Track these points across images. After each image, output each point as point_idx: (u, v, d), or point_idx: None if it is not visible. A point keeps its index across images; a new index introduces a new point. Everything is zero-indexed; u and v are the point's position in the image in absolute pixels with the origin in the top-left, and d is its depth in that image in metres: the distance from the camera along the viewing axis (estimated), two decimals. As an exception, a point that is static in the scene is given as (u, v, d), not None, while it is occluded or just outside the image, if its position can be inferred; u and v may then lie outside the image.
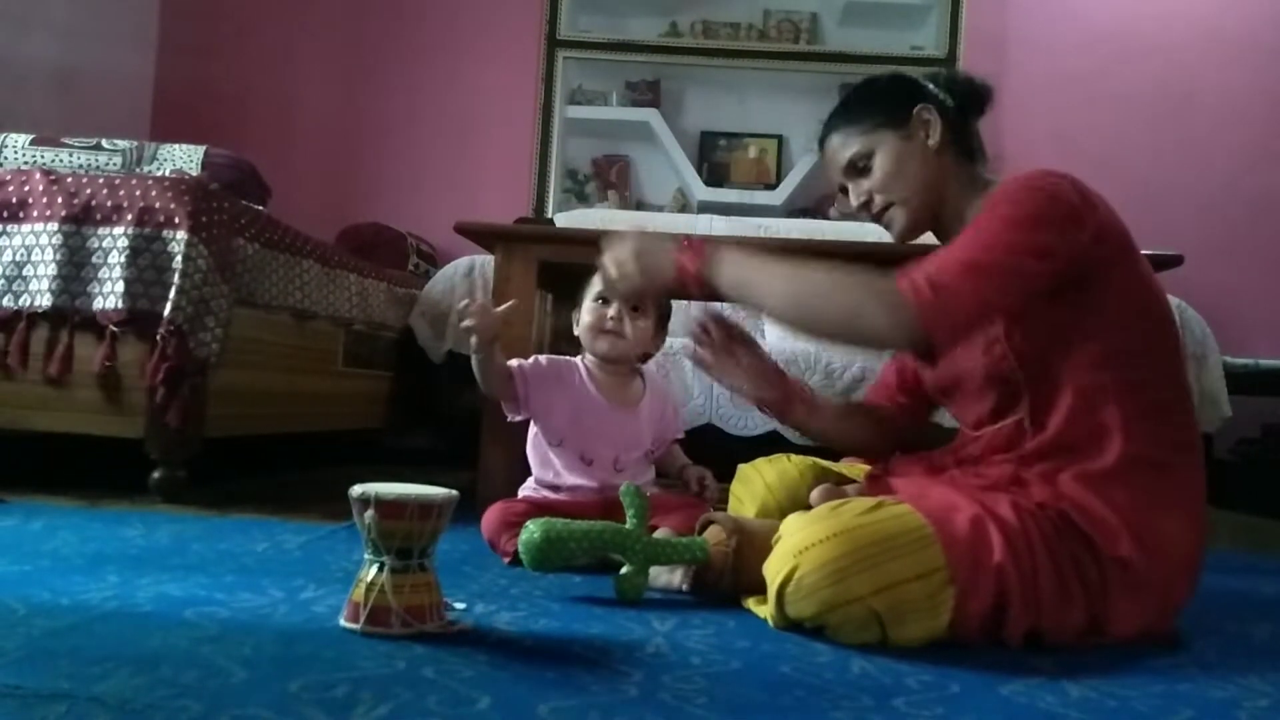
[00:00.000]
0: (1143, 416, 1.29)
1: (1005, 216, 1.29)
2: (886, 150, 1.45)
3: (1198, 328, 2.95)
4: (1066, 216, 1.28)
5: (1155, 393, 1.31)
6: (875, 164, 1.46)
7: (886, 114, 1.46)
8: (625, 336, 1.72)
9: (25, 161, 2.45)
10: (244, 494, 2.28)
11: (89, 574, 1.34)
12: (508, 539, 1.60)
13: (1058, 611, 1.22)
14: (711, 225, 3.78)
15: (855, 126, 1.48)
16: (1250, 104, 4.00)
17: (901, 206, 1.46)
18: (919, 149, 1.45)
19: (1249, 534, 2.68)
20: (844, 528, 1.21)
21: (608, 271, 1.48)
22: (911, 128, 1.45)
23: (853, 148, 1.47)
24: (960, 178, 1.46)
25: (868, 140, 1.46)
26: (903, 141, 1.45)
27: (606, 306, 1.73)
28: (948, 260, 1.28)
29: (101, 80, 3.85)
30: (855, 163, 1.48)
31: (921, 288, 1.25)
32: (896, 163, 1.45)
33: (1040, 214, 1.28)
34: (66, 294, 2.10)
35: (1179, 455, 1.31)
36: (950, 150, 1.45)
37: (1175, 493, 1.29)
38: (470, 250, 2.84)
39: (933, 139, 1.44)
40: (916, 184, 1.45)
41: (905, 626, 1.18)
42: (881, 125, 1.46)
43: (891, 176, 1.45)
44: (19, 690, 0.86)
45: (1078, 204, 1.29)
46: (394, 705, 0.88)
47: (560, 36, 4.09)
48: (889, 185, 1.46)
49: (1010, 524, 1.22)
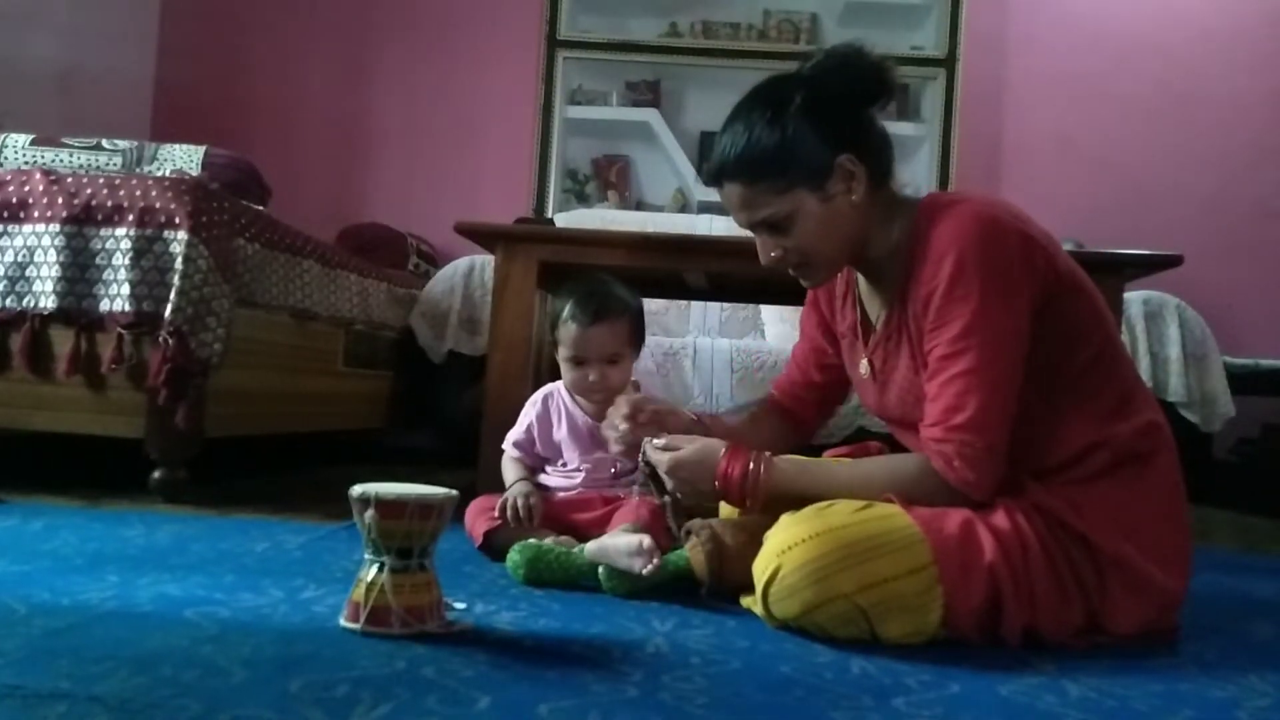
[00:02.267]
0: (1111, 416, 1.29)
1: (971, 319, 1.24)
2: (807, 214, 1.31)
3: (1198, 328, 2.95)
4: (1018, 274, 1.25)
5: (1115, 388, 1.31)
6: (795, 227, 1.32)
7: (803, 172, 1.30)
8: (609, 386, 1.71)
9: (25, 161, 2.45)
10: (244, 494, 2.28)
11: (89, 574, 1.34)
12: (481, 524, 1.65)
13: (1054, 610, 1.23)
14: (711, 225, 3.78)
15: (765, 183, 1.31)
16: (1250, 104, 4.00)
17: (826, 263, 1.38)
18: (844, 205, 1.32)
19: (1249, 534, 2.68)
20: (828, 527, 1.21)
21: (659, 475, 1.41)
22: (832, 185, 1.31)
23: (764, 210, 1.32)
24: (882, 210, 1.36)
25: (782, 201, 1.31)
26: (824, 202, 1.31)
27: (583, 368, 1.72)
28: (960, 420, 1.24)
29: (101, 80, 3.85)
30: (768, 222, 1.34)
31: (963, 474, 1.24)
32: (820, 224, 1.32)
33: (997, 292, 1.24)
34: (72, 295, 2.10)
35: (1152, 440, 1.31)
36: (871, 186, 1.33)
37: (1156, 477, 1.31)
38: (470, 250, 2.85)
39: (857, 193, 1.32)
40: (843, 238, 1.35)
41: (892, 623, 1.18)
42: (796, 185, 1.30)
43: (815, 239, 1.33)
44: (19, 690, 0.86)
45: (1024, 252, 1.27)
46: (394, 705, 0.88)
47: (560, 36, 4.09)
48: (811, 247, 1.34)
49: (1001, 527, 1.22)
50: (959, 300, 1.25)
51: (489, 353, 2.21)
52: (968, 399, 1.24)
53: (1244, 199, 3.96)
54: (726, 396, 2.93)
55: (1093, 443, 1.28)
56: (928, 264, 1.28)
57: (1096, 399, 1.30)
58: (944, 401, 1.26)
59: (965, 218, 1.27)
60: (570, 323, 1.71)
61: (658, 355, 2.98)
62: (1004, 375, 1.25)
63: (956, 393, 1.25)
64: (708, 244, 2.36)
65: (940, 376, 1.27)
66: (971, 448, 1.24)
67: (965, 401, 1.24)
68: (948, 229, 1.27)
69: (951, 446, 1.25)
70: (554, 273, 2.22)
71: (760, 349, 3.03)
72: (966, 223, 1.27)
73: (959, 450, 1.24)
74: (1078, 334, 1.31)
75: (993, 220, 1.27)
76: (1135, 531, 1.26)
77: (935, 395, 1.28)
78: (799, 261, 1.37)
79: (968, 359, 1.25)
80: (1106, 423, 1.29)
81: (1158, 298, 2.96)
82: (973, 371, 1.24)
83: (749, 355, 2.98)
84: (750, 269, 2.27)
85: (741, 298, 3.22)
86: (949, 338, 1.26)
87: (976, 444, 1.24)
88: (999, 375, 1.25)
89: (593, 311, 1.70)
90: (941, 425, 1.26)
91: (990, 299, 1.24)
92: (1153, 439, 1.32)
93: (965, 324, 1.24)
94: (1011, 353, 1.26)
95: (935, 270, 1.27)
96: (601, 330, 1.70)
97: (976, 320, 1.24)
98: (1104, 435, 1.28)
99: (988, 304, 1.24)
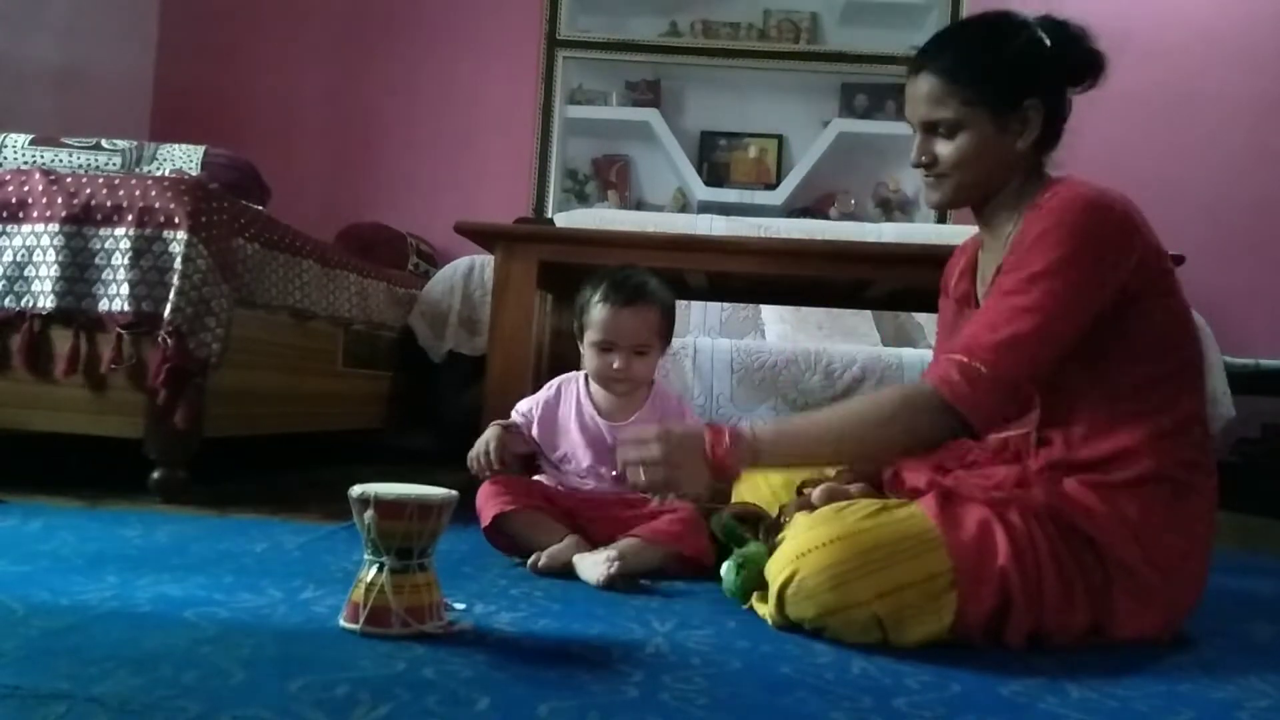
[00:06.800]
0: (1162, 437, 1.27)
1: (1049, 265, 1.24)
2: (976, 134, 1.34)
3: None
4: (1111, 251, 1.25)
5: (1176, 415, 1.29)
6: (958, 139, 1.35)
7: (995, 95, 1.33)
8: (633, 377, 1.69)
9: (25, 161, 2.44)
10: (244, 494, 2.27)
11: (88, 574, 1.34)
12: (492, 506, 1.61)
13: (1061, 614, 1.22)
14: (712, 225, 3.78)
15: (956, 87, 1.34)
16: (1250, 104, 3.99)
17: (959, 185, 1.38)
18: (1008, 145, 1.35)
19: (1249, 534, 2.68)
20: (847, 532, 1.21)
21: (637, 479, 1.30)
22: (1011, 121, 1.34)
23: (943, 111, 1.35)
24: (1028, 170, 1.38)
25: (963, 112, 1.34)
26: (996, 133, 1.34)
27: (609, 354, 1.68)
28: (983, 339, 1.24)
29: (101, 80, 3.85)
30: (939, 124, 1.36)
31: (955, 382, 1.23)
32: (980, 149, 1.35)
33: (1085, 254, 1.24)
34: (71, 295, 2.10)
35: (1195, 475, 1.30)
36: (1033, 144, 1.36)
37: (1188, 512, 1.28)
38: (470, 250, 2.84)
39: (1024, 141, 1.35)
40: (987, 173, 1.37)
41: (907, 630, 1.18)
42: (984, 104, 1.33)
43: (969, 159, 1.35)
44: (19, 690, 0.86)
45: (1124, 234, 1.27)
46: (394, 705, 0.88)
47: (560, 36, 4.09)
48: (961, 165, 1.36)
49: (1016, 526, 1.21)
50: (1041, 250, 1.26)
51: (489, 353, 2.21)
52: (1001, 329, 1.24)
53: (1244, 199, 3.96)
54: (726, 396, 2.93)
55: (1132, 450, 1.26)
56: (1030, 225, 1.30)
57: (1154, 416, 1.27)
58: (976, 325, 1.27)
59: (1075, 191, 1.30)
60: (603, 304, 1.66)
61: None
62: (1050, 324, 1.24)
63: (991, 322, 1.26)
64: (708, 244, 2.36)
65: (990, 304, 1.28)
66: (976, 370, 1.23)
67: (997, 330, 1.24)
68: (1057, 199, 1.30)
69: (958, 363, 1.24)
70: (554, 273, 2.22)
71: (760, 349, 3.02)
72: (1074, 194, 1.29)
73: (963, 367, 1.24)
74: (1156, 347, 1.29)
75: (1100, 195, 1.29)
76: (1150, 548, 1.24)
77: (975, 319, 1.29)
78: (941, 171, 1.38)
79: (1023, 298, 1.25)
80: (1154, 440, 1.26)
81: (1158, 298, 2.96)
82: (1023, 309, 1.24)
83: (749, 355, 2.98)
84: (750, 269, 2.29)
85: (741, 298, 3.22)
86: (1017, 277, 1.26)
87: (984, 367, 1.23)
88: (1045, 321, 1.23)
89: (627, 294, 1.65)
90: (962, 343, 1.26)
91: (1072, 258, 1.24)
92: (1194, 473, 1.30)
93: (1037, 270, 1.25)
94: (1071, 311, 1.24)
95: (1034, 225, 1.29)
96: (634, 314, 1.65)
97: (1050, 268, 1.24)
98: (1146, 449, 1.26)
99: (1067, 261, 1.24)
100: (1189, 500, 1.29)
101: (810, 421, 1.34)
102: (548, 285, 2.30)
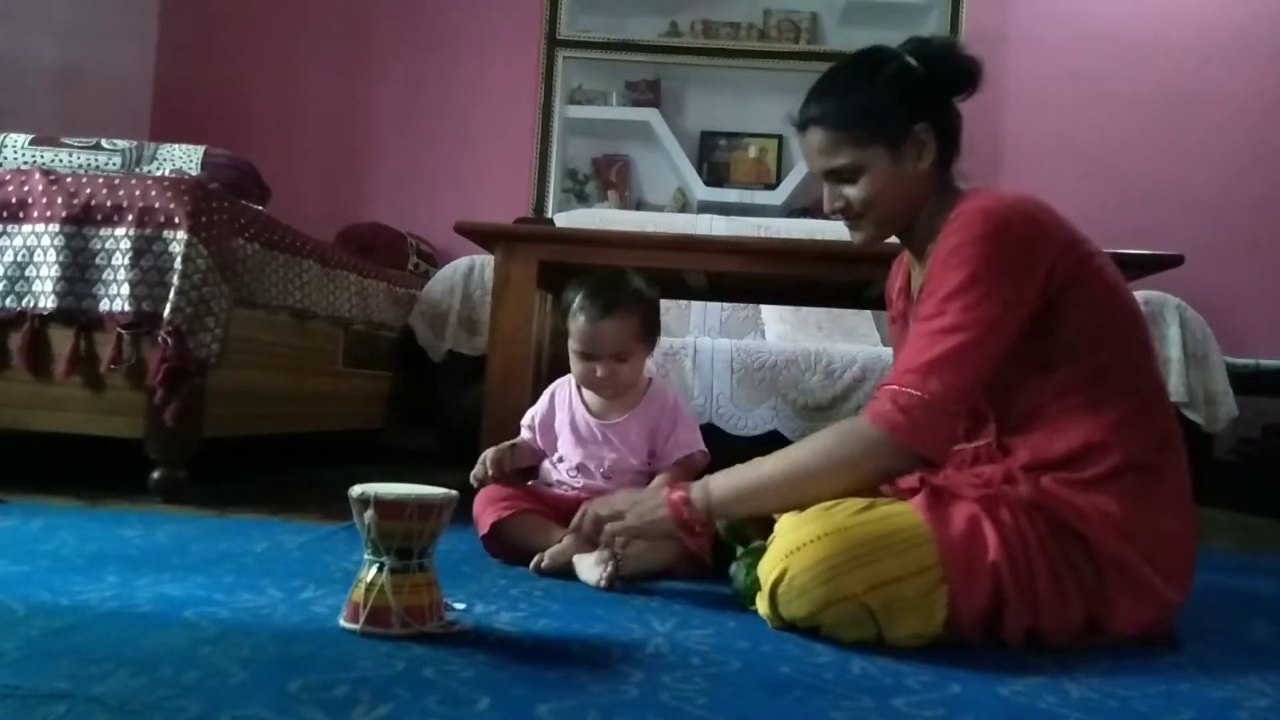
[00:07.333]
0: (1125, 424, 1.28)
1: (960, 283, 1.26)
2: (877, 171, 1.38)
3: (1198, 328, 2.95)
4: (1019, 254, 1.27)
5: (1132, 398, 1.30)
6: (862, 181, 1.39)
7: (883, 130, 1.37)
8: (618, 383, 1.70)
9: (25, 161, 2.44)
10: (244, 494, 2.27)
11: (88, 574, 1.34)
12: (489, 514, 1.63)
13: (1056, 610, 1.22)
14: (712, 225, 3.78)
15: (846, 134, 1.38)
16: (1250, 104, 3.99)
17: (878, 221, 1.43)
18: (910, 172, 1.39)
19: (1249, 534, 2.68)
20: (835, 527, 1.21)
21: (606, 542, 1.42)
22: (905, 149, 1.38)
23: (840, 159, 1.39)
24: (938, 189, 1.42)
25: (858, 155, 1.38)
26: (895, 164, 1.38)
27: (591, 362, 1.68)
28: (913, 365, 1.26)
29: (101, 80, 3.85)
30: (839, 171, 1.41)
31: (890, 415, 1.25)
32: (885, 184, 1.39)
33: (993, 264, 1.26)
34: (71, 295, 2.10)
35: (1163, 455, 1.31)
36: (935, 163, 1.40)
37: (1164, 492, 1.29)
38: (470, 250, 2.84)
39: (924, 164, 1.39)
40: (900, 203, 1.41)
41: (899, 624, 1.18)
42: (875, 141, 1.37)
43: (878, 197, 1.39)
44: (19, 690, 0.86)
45: (1029, 237, 1.28)
46: (394, 705, 0.88)
47: (560, 36, 4.09)
48: (873, 203, 1.40)
49: (1006, 523, 1.22)
50: (951, 268, 1.28)
51: (488, 353, 2.21)
52: (927, 352, 1.26)
53: (1244, 199, 3.96)
54: (726, 396, 2.93)
55: (1098, 443, 1.27)
56: (941, 243, 1.32)
57: (1111, 404, 1.28)
58: (906, 353, 1.29)
59: (977, 204, 1.31)
60: (579, 315, 1.67)
61: (657, 355, 2.98)
62: (973, 339, 1.25)
63: (919, 348, 1.27)
64: (708, 244, 2.36)
65: (915, 330, 1.30)
66: (908, 395, 1.24)
67: (924, 354, 1.26)
68: (961, 216, 1.31)
69: (890, 391, 1.26)
70: (554, 273, 2.22)
71: (760, 349, 3.03)
72: (976, 208, 1.30)
73: (894, 395, 1.26)
74: (1098, 333, 1.30)
75: (999, 204, 1.30)
76: (1136, 539, 1.25)
77: (906, 347, 1.31)
78: (857, 213, 1.42)
79: (940, 320, 1.27)
80: (1116, 429, 1.27)
81: (1158, 298, 2.96)
82: (944, 330, 1.26)
83: (749, 355, 2.98)
84: (750, 269, 2.29)
85: (741, 298, 3.22)
86: (934, 301, 1.29)
87: (915, 391, 1.24)
88: (967, 338, 1.25)
89: (602, 305, 1.66)
90: (894, 373, 1.28)
91: (981, 271, 1.26)
92: (1164, 453, 1.30)
93: (950, 290, 1.27)
94: (991, 321, 1.25)
95: (942, 245, 1.31)
96: (610, 325, 1.66)
97: (961, 286, 1.26)
98: (1112, 440, 1.27)
99: (977, 276, 1.26)
100: (1164, 480, 1.30)
101: (760, 474, 1.35)
102: (548, 285, 2.30)
